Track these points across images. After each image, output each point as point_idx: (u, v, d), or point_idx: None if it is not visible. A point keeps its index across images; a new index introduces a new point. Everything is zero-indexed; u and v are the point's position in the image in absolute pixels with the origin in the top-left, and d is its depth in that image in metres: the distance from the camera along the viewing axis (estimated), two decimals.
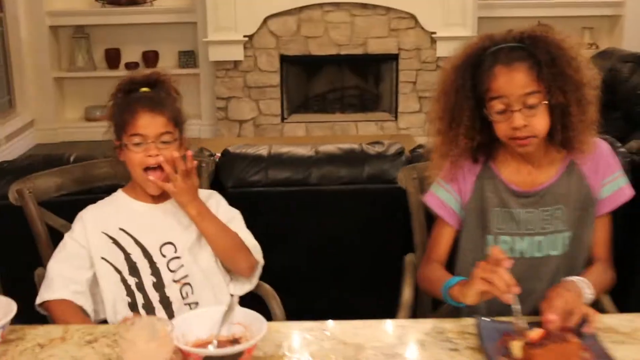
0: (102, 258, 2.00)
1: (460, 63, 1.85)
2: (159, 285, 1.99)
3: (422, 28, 6.88)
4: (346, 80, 7.50)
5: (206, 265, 2.03)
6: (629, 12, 7.02)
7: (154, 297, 1.99)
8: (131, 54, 7.33)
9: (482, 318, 1.62)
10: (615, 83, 5.14)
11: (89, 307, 1.98)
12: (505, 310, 1.62)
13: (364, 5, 6.86)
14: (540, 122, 1.79)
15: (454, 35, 6.72)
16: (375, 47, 6.97)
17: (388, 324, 1.69)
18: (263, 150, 2.75)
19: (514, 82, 1.76)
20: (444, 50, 6.73)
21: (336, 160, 2.69)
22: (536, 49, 1.77)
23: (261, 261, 2.08)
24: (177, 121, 2.01)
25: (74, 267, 2.00)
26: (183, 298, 2.00)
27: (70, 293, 1.97)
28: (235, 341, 1.50)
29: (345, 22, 6.90)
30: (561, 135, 1.83)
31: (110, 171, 2.21)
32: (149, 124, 1.95)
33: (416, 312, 2.19)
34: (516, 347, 1.50)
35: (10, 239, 2.50)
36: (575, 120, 1.80)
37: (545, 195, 1.90)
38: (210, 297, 2.01)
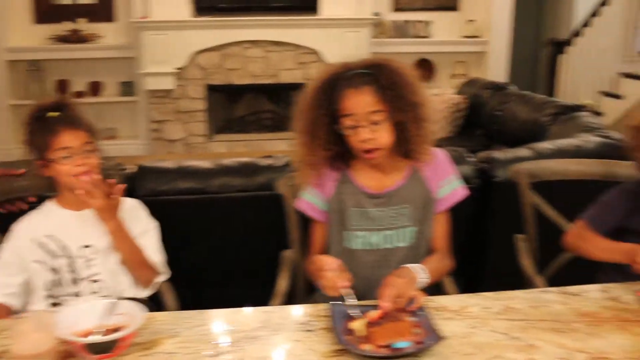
0: (35, 261, 1.94)
1: (319, 85, 1.84)
2: (75, 281, 1.93)
3: (325, 62, 6.87)
4: (262, 105, 7.44)
5: (115, 266, 1.96)
6: (492, 49, 7.15)
7: (72, 291, 1.92)
8: (79, 84, 7.10)
9: (333, 302, 1.59)
10: (478, 106, 5.24)
11: (19, 304, 1.94)
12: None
13: (277, 43, 6.83)
14: (383, 136, 1.80)
15: None
16: (286, 77, 6.94)
17: (256, 311, 1.64)
18: (171, 164, 2.68)
19: (360, 102, 1.77)
20: None
21: (232, 172, 2.63)
22: (380, 75, 1.78)
23: (164, 273, 2.02)
24: (93, 133, 1.96)
25: (6, 275, 1.95)
26: (95, 293, 1.93)
27: (3, 296, 1.93)
28: (118, 329, 1.44)
29: (261, 57, 6.86)
30: (403, 147, 1.85)
31: (30, 183, 2.11)
32: (72, 138, 1.89)
33: (295, 299, 2.15)
34: (359, 326, 1.48)
35: None
36: (413, 135, 1.82)
37: (393, 197, 1.90)
38: (117, 292, 1.95)
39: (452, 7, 7.41)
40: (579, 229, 2.05)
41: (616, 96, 5.59)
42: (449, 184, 1.96)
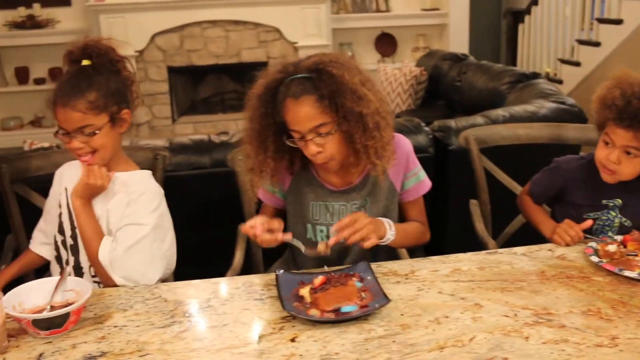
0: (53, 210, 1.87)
1: (261, 92, 1.71)
2: (75, 250, 1.81)
3: (286, 39, 6.86)
4: (225, 85, 7.42)
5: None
6: (452, 21, 7.18)
7: (71, 258, 1.82)
8: (39, 71, 6.99)
9: (281, 271, 1.61)
10: (438, 77, 5.27)
11: (49, 256, 1.90)
12: None
13: (236, 22, 6.79)
14: (333, 147, 1.70)
15: (313, 44, 6.74)
16: (248, 56, 6.91)
17: (208, 283, 1.66)
18: (126, 144, 2.66)
19: (302, 116, 1.65)
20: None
21: (186, 150, 2.62)
22: (321, 83, 1.64)
23: (124, 283, 1.71)
24: (100, 106, 1.73)
25: (45, 220, 1.91)
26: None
27: (37, 245, 1.93)
28: (67, 305, 1.44)
29: (221, 37, 6.82)
30: (355, 155, 1.75)
31: None
32: (66, 119, 1.70)
33: (252, 272, 2.16)
34: (306, 292, 1.50)
35: None
36: (360, 146, 1.69)
37: (355, 191, 1.85)
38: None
39: None
40: (524, 193, 2.11)
41: (575, 63, 5.65)
42: (414, 176, 1.92)
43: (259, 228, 1.64)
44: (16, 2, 6.79)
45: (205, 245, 2.61)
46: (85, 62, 1.74)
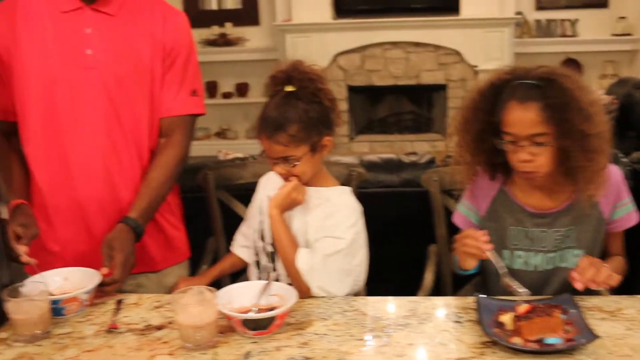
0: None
1: (485, 89, 1.74)
2: (273, 257, 1.85)
3: (466, 62, 6.79)
4: (403, 106, 7.42)
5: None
6: None
7: (270, 265, 1.87)
8: (227, 85, 7.42)
9: (481, 296, 1.58)
10: (630, 106, 4.97)
11: (248, 259, 1.98)
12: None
13: (417, 44, 6.80)
14: (544, 160, 1.66)
15: (493, 68, 6.56)
16: (427, 78, 6.90)
17: (404, 300, 1.66)
18: None
19: (524, 120, 1.63)
20: None
21: (376, 168, 2.65)
22: (550, 92, 1.62)
23: (317, 293, 1.71)
24: (300, 137, 1.75)
25: (247, 225, 2.01)
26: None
27: (238, 247, 2.03)
28: (271, 309, 1.50)
29: (401, 58, 6.86)
30: (566, 175, 1.71)
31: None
32: (269, 148, 1.77)
33: (440, 294, 2.15)
34: (507, 319, 1.47)
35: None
36: (578, 165, 1.65)
37: (559, 217, 1.78)
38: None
39: (601, 4, 7.07)
40: None
41: None
42: (623, 207, 1.82)
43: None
44: (211, 21, 7.24)
45: (391, 263, 2.62)
46: (288, 88, 1.75)
